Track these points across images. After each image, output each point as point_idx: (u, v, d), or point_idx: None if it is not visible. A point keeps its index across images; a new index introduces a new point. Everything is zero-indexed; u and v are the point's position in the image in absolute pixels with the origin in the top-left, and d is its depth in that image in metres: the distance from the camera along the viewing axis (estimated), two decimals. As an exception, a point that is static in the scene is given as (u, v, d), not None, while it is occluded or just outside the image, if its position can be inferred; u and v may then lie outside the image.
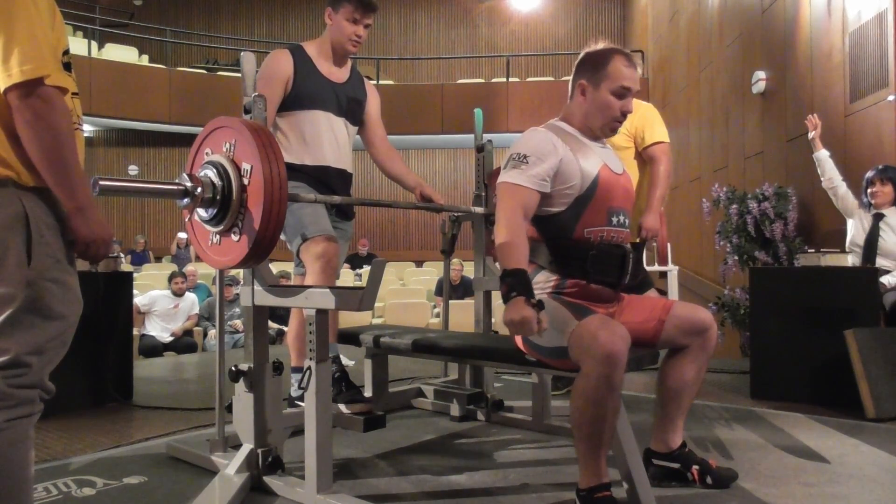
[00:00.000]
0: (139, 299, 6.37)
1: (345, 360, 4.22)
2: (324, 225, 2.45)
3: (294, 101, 2.57)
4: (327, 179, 2.59)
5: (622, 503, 1.79)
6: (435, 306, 7.81)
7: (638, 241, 3.09)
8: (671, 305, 1.97)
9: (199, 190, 1.83)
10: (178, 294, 6.59)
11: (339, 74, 2.70)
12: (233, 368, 2.06)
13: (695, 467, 2.04)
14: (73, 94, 1.43)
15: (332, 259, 2.42)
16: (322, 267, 2.40)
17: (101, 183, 1.60)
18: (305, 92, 2.58)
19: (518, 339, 1.94)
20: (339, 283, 2.65)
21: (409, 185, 2.83)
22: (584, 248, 1.89)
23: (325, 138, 2.61)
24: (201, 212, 1.89)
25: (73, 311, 1.42)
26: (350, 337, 2.60)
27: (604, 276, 1.91)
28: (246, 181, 1.80)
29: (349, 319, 5.12)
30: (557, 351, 1.80)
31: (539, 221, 1.94)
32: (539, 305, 1.65)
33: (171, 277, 6.75)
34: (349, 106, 2.70)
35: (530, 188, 1.84)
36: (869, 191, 3.68)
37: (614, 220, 1.93)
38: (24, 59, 1.29)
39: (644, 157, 3.15)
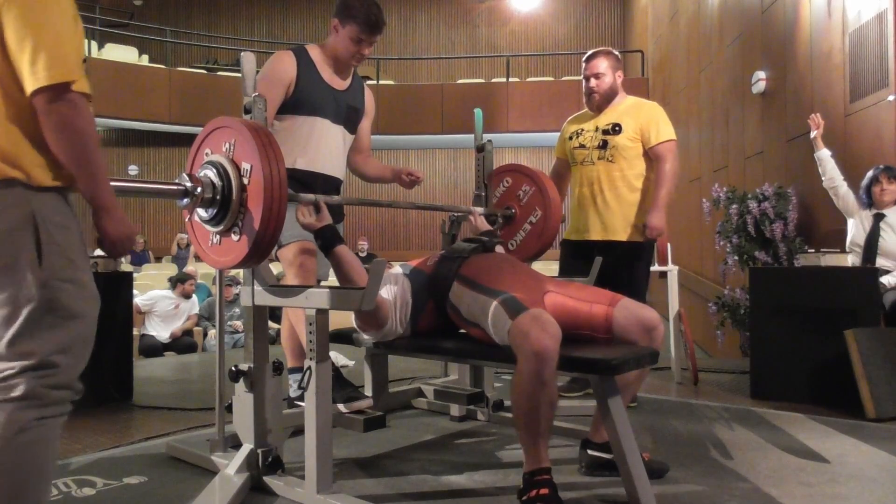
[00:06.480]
0: (140, 299, 6.36)
1: (345, 361, 4.24)
2: (298, 231, 2.42)
3: (294, 105, 2.55)
4: (313, 184, 2.54)
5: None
6: (435, 306, 7.78)
7: (642, 240, 3.06)
8: (620, 298, 2.04)
9: (198, 190, 1.83)
10: (186, 297, 6.57)
11: (341, 81, 2.68)
12: (233, 368, 2.06)
13: None
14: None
15: (305, 263, 2.44)
16: (296, 273, 2.44)
17: (101, 183, 1.60)
18: (306, 98, 2.56)
19: None
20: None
21: (389, 178, 2.84)
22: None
23: (321, 145, 2.60)
24: (201, 212, 1.89)
25: (91, 308, 1.43)
26: (347, 337, 2.60)
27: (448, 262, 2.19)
28: (246, 181, 1.80)
29: (349, 320, 5.08)
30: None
31: None
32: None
33: (178, 281, 6.66)
34: (347, 114, 2.69)
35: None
36: (874, 189, 3.66)
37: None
38: (52, 64, 1.29)
39: (651, 156, 3.09)
